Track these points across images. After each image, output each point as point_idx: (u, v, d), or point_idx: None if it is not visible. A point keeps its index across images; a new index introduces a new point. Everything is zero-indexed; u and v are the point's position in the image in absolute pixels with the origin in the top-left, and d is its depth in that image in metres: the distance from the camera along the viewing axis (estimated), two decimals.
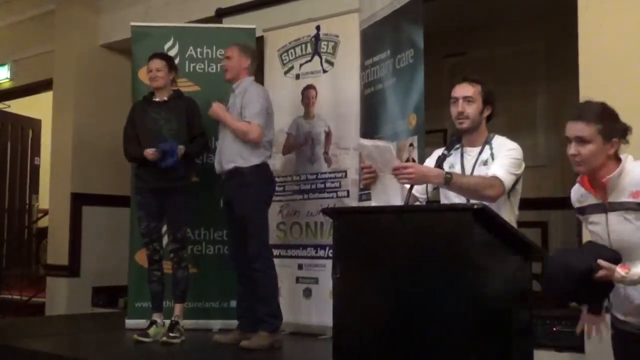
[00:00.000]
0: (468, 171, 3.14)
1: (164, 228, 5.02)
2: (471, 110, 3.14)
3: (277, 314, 4.57)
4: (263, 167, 4.63)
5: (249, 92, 4.63)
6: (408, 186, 3.01)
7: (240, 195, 4.53)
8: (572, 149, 2.54)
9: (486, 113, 3.18)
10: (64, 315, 6.78)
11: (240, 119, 4.58)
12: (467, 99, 3.14)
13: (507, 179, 3.02)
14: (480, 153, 3.16)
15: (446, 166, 3.18)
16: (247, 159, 4.55)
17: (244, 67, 4.72)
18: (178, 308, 4.83)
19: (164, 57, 5.01)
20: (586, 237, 2.83)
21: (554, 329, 4.32)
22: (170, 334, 4.67)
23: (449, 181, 2.95)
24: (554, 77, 6.60)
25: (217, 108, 4.66)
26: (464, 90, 3.16)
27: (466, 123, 3.15)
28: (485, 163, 3.11)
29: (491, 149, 3.14)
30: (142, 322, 4.99)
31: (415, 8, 4.44)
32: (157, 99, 4.91)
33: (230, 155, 4.58)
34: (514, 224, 3.12)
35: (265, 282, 4.53)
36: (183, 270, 4.85)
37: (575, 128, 2.53)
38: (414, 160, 4.35)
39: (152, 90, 4.96)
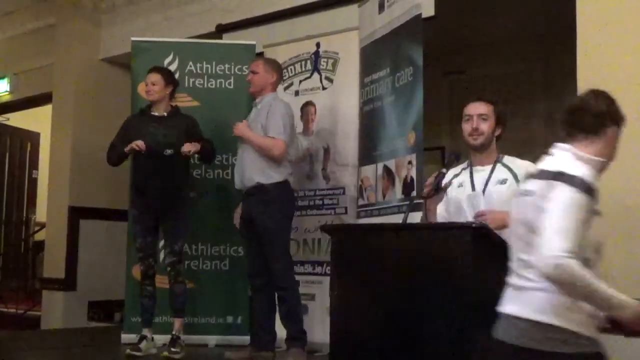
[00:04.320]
0: (479, 188, 3.19)
1: (160, 243, 5.01)
2: (485, 127, 3.22)
3: (304, 330, 4.55)
4: (285, 184, 4.61)
5: (272, 107, 4.61)
6: None
7: (264, 212, 4.49)
8: None
9: (497, 132, 3.26)
10: (60, 329, 6.75)
11: (263, 134, 4.57)
12: (482, 117, 3.22)
13: None
14: (492, 171, 3.21)
15: (455, 184, 3.22)
16: (270, 175, 4.53)
17: (270, 82, 4.72)
18: (178, 323, 4.80)
19: (161, 70, 4.98)
20: None
21: None
22: (172, 349, 4.64)
23: None
24: (553, 96, 6.63)
25: (241, 127, 4.63)
26: (478, 108, 3.24)
27: (480, 139, 3.22)
28: (503, 182, 3.16)
29: (510, 170, 3.19)
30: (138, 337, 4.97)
31: (414, 26, 4.46)
32: (155, 113, 4.89)
33: (252, 171, 4.55)
34: None
35: (293, 300, 4.52)
36: (180, 285, 4.83)
37: None
38: (412, 178, 4.37)
39: (149, 103, 4.94)
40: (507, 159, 3.25)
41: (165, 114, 4.88)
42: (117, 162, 4.97)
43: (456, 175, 3.29)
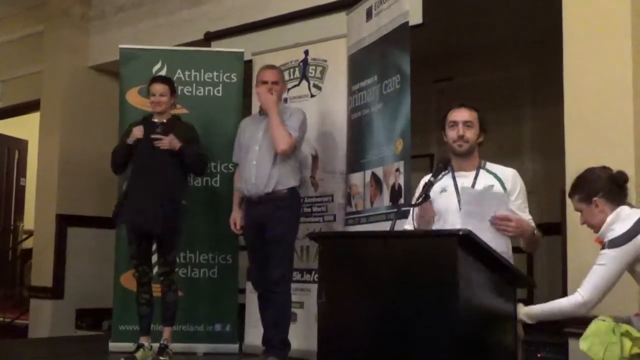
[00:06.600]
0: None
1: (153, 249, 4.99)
2: (470, 134, 3.24)
3: (288, 341, 4.51)
4: (297, 190, 4.63)
5: (294, 112, 4.65)
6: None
7: (277, 218, 4.45)
8: None
9: (480, 139, 3.29)
10: (48, 338, 6.72)
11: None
12: (467, 124, 3.25)
13: None
14: (477, 177, 3.24)
15: (437, 190, 3.23)
16: (286, 182, 4.51)
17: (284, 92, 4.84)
18: (167, 332, 4.77)
19: (167, 81, 4.92)
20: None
21: (538, 354, 4.32)
22: (160, 358, 4.62)
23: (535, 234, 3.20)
24: (540, 104, 6.66)
25: (273, 100, 4.53)
26: (463, 115, 3.26)
27: (465, 146, 3.24)
28: (490, 188, 3.19)
29: (495, 176, 3.23)
30: (126, 346, 4.95)
31: (402, 34, 4.47)
32: (155, 120, 4.85)
33: (269, 178, 4.48)
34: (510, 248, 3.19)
35: (284, 308, 4.48)
36: (173, 294, 4.80)
37: None
38: (400, 186, 4.38)
39: (152, 113, 4.89)
40: (490, 166, 3.28)
41: (165, 120, 4.84)
42: (120, 161, 4.84)
43: (435, 182, 3.27)
